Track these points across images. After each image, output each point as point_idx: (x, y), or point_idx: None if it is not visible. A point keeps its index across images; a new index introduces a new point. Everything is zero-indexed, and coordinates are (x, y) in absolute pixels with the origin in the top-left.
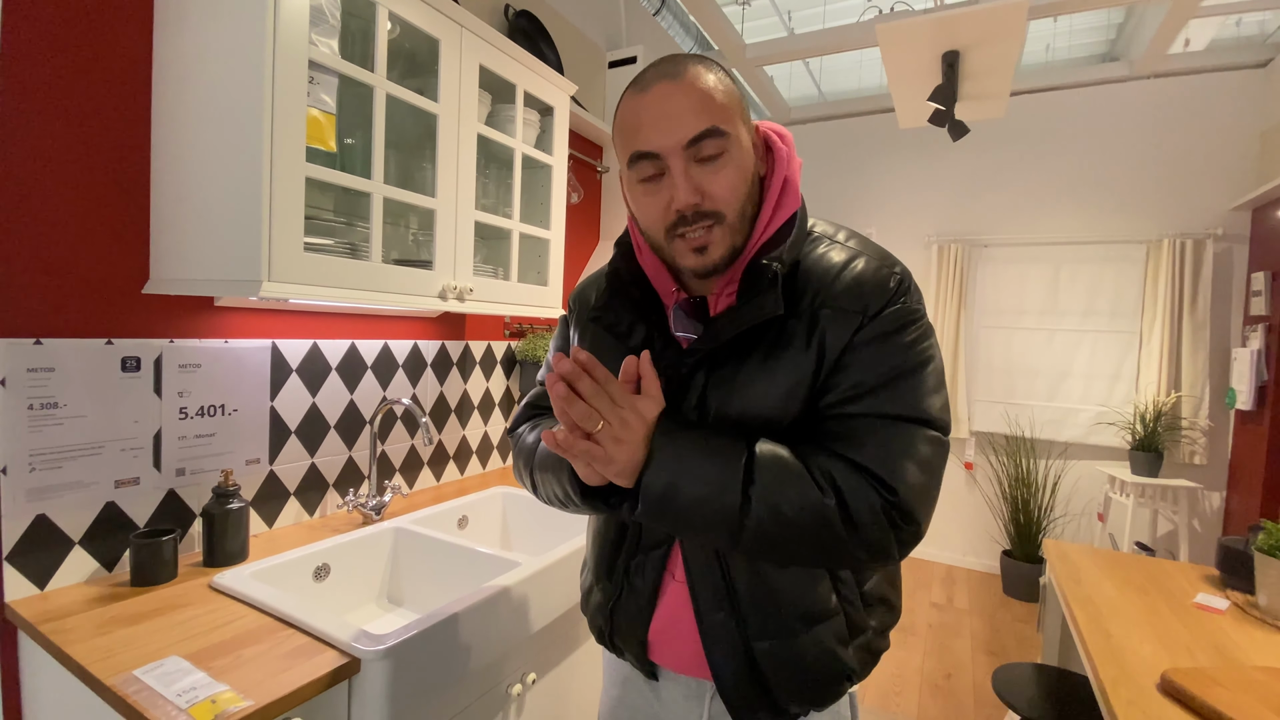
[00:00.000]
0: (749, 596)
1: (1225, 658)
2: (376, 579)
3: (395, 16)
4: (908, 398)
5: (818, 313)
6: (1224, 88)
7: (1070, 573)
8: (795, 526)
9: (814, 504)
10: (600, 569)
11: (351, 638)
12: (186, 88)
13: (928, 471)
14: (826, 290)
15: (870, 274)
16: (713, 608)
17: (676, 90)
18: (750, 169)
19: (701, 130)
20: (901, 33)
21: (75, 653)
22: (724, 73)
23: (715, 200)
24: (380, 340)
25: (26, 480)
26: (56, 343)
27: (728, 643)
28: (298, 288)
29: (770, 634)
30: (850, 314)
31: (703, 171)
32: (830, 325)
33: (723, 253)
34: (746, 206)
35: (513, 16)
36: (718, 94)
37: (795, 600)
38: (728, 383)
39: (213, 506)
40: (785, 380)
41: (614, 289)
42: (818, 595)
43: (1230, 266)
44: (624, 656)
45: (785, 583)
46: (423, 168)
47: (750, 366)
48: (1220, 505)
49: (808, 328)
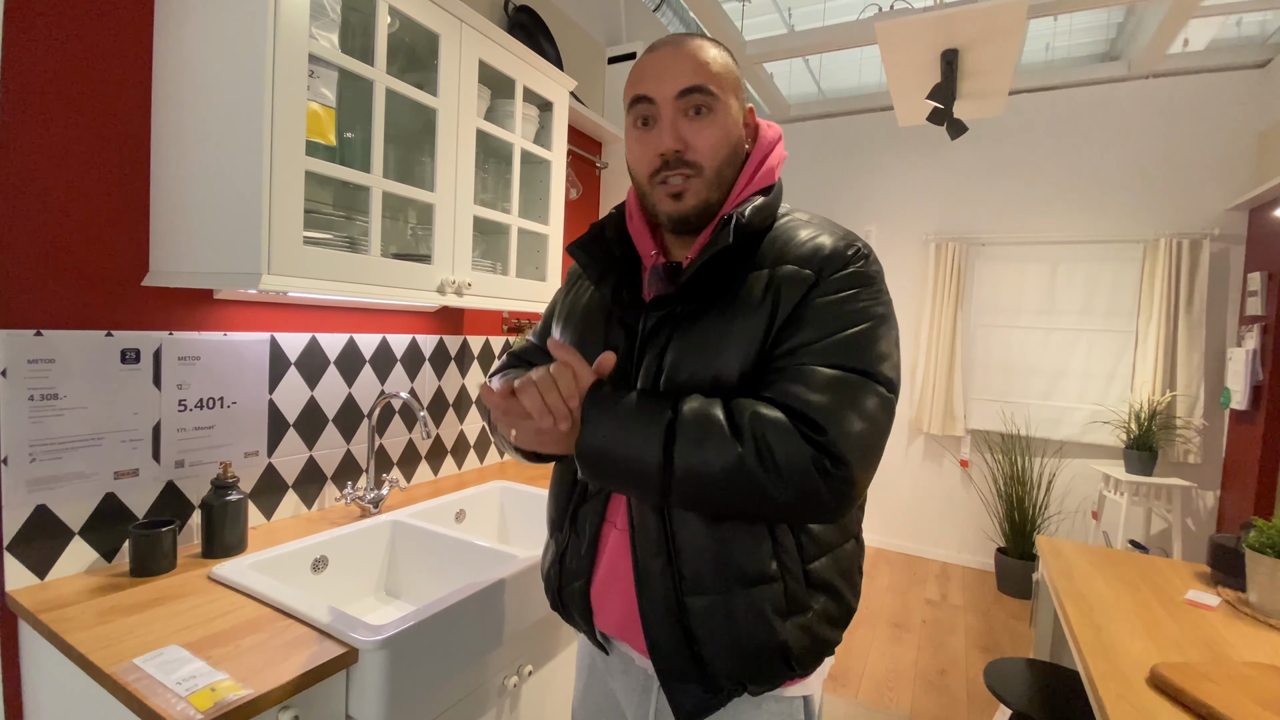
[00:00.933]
0: (687, 546)
1: (1215, 653)
2: (374, 571)
3: (395, 10)
4: (854, 352)
5: (775, 270)
6: (1222, 88)
7: (1063, 568)
8: (715, 481)
9: (729, 455)
10: (554, 521)
11: (349, 628)
12: (186, 80)
13: (867, 420)
14: (787, 253)
15: (830, 243)
16: (650, 554)
17: (678, 52)
18: (734, 135)
19: (692, 85)
20: (901, 31)
21: (76, 641)
22: (727, 53)
23: (696, 151)
24: (379, 334)
25: (27, 470)
26: (57, 334)
27: (661, 593)
28: (297, 281)
29: (705, 589)
30: (805, 274)
31: (689, 124)
32: (785, 284)
33: (696, 203)
34: (725, 169)
35: (512, 11)
36: (714, 64)
37: (733, 556)
38: (688, 338)
39: (211, 498)
40: (739, 336)
41: (595, 238)
42: (758, 556)
43: (1227, 266)
44: (573, 620)
45: (724, 535)
46: (422, 162)
47: (708, 321)
48: (1214, 504)
49: (765, 286)
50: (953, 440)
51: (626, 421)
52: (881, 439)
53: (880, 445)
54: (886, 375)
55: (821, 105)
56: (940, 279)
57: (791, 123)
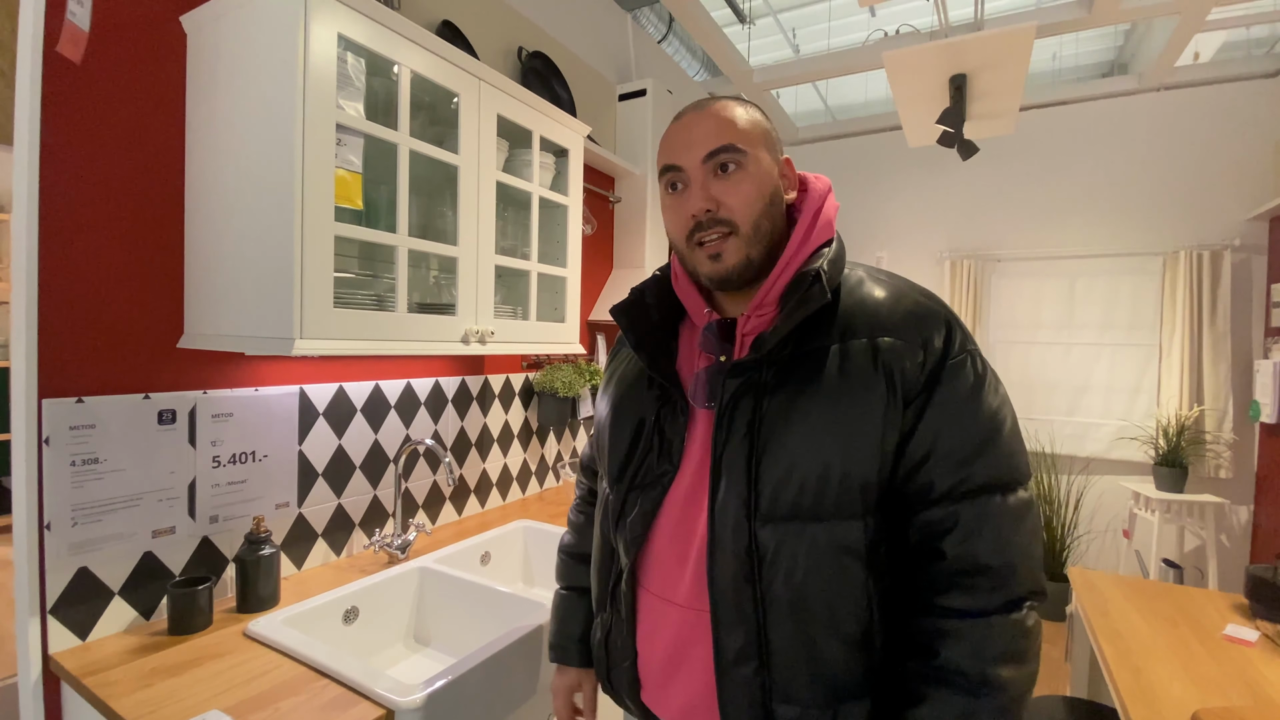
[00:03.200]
0: (782, 654)
1: (1256, 694)
2: (404, 620)
3: (417, 75)
4: (997, 460)
5: (877, 341)
6: (1236, 98)
7: (1097, 603)
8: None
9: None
10: (598, 599)
11: (385, 689)
12: (218, 151)
13: (1031, 535)
14: (879, 320)
15: (917, 306)
16: (741, 659)
17: (702, 115)
18: (768, 187)
19: (719, 146)
20: (909, 59)
21: (121, 708)
22: (755, 109)
23: (729, 209)
24: (403, 380)
25: (69, 535)
26: (97, 400)
27: (747, 698)
28: (329, 343)
29: (795, 699)
30: (912, 345)
31: (718, 183)
32: (892, 358)
33: (736, 261)
34: (762, 221)
35: (525, 58)
36: (740, 120)
37: (830, 669)
38: (783, 415)
39: (245, 553)
40: (861, 422)
41: (635, 303)
42: (850, 668)
43: (1249, 277)
44: (622, 702)
45: (824, 647)
46: (444, 214)
47: (807, 398)
48: (1248, 520)
49: (870, 354)
50: None
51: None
52: (1041, 542)
53: (1040, 541)
54: (1025, 471)
55: (830, 127)
56: (956, 296)
57: (800, 145)
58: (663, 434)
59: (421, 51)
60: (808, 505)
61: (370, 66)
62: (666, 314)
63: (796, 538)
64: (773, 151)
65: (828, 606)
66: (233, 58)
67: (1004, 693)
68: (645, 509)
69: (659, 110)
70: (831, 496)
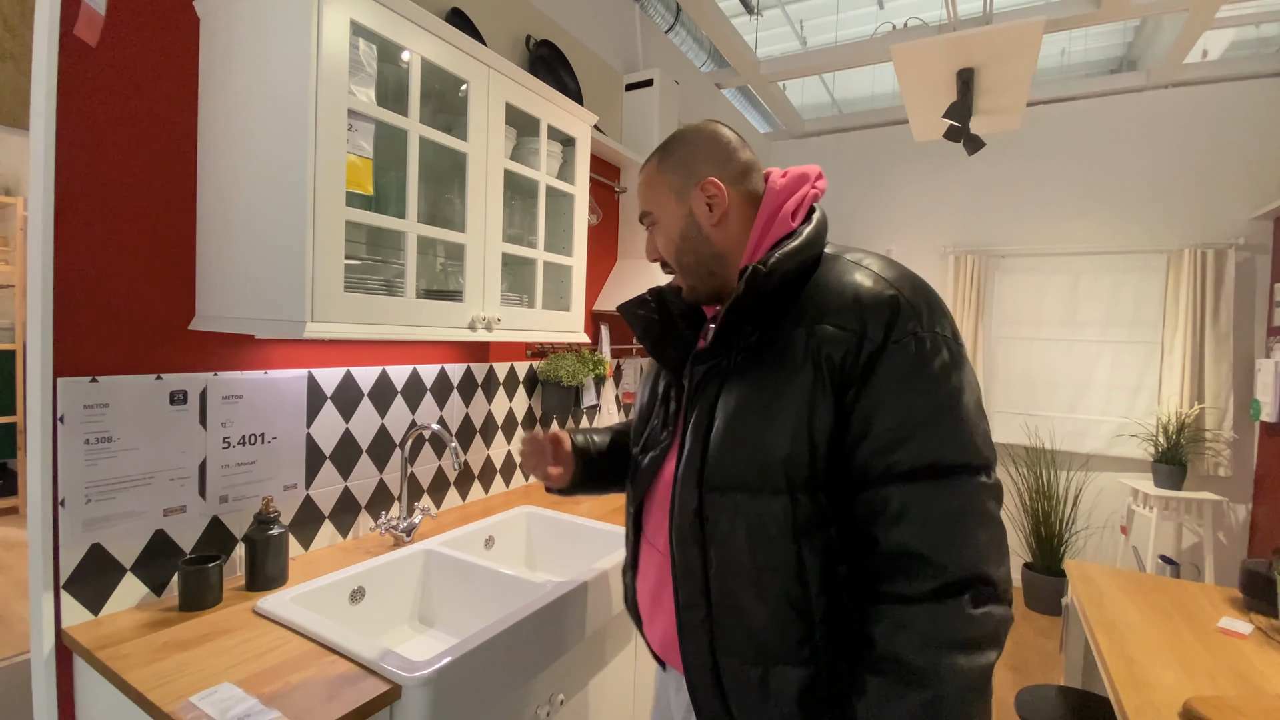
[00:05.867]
0: (720, 608)
1: (1248, 684)
2: (409, 601)
3: (427, 62)
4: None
5: (813, 329)
6: (1243, 97)
7: (1093, 595)
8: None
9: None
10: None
11: (393, 665)
12: (230, 136)
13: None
14: (825, 307)
15: (866, 292)
16: (691, 607)
17: (638, 182)
18: (676, 231)
19: (640, 212)
20: (916, 53)
21: (133, 679)
22: (672, 148)
23: (659, 253)
24: (409, 365)
25: (83, 511)
26: (110, 379)
27: (698, 643)
28: (339, 326)
29: (735, 652)
30: (845, 335)
31: (650, 239)
32: (825, 345)
33: (686, 288)
34: (683, 258)
35: (534, 46)
36: (649, 182)
37: (759, 631)
38: (736, 393)
39: (254, 532)
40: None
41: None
42: (781, 635)
43: (1253, 277)
44: (641, 631)
45: (751, 611)
46: (451, 201)
47: (756, 377)
48: (1246, 518)
49: (804, 346)
50: None
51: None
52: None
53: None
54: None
55: (836, 120)
56: (960, 292)
57: (806, 138)
58: (668, 408)
59: (432, 38)
60: (740, 478)
61: (381, 53)
62: (691, 309)
63: (733, 506)
64: (680, 193)
65: (756, 572)
66: (245, 43)
67: (941, 683)
68: (649, 468)
69: (666, 101)
70: (758, 472)
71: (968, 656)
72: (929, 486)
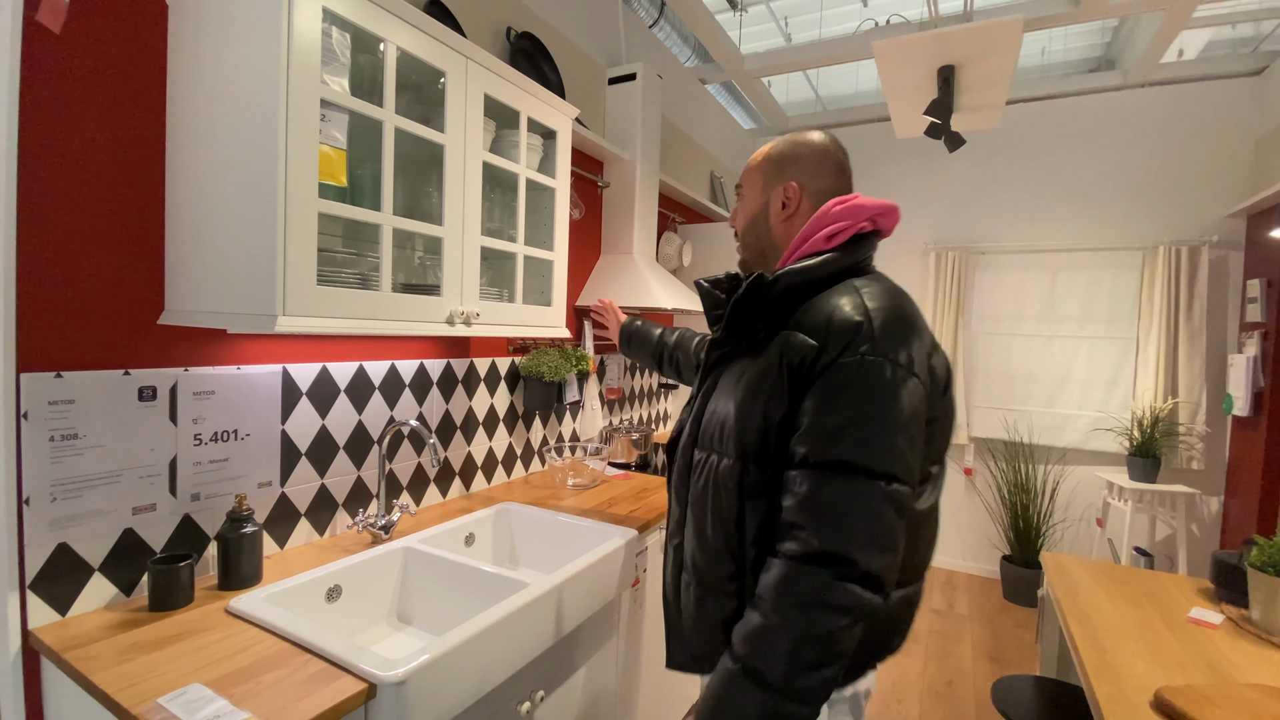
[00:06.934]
0: (688, 537)
1: (1218, 674)
2: (387, 599)
3: (404, 51)
4: (836, 444)
5: (790, 335)
6: (1219, 96)
7: (1067, 586)
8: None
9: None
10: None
11: (368, 664)
12: (200, 125)
13: (866, 519)
14: (804, 319)
15: (839, 314)
16: (674, 532)
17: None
18: (752, 209)
19: (738, 183)
20: (898, 49)
21: (100, 681)
22: (777, 145)
23: (734, 221)
24: (387, 361)
25: (48, 510)
26: (76, 375)
27: (673, 563)
28: (311, 320)
29: (688, 570)
30: (809, 344)
31: (737, 204)
32: (790, 348)
33: (741, 256)
34: (747, 235)
35: (514, 38)
36: (755, 165)
37: (705, 563)
38: (728, 375)
39: (227, 531)
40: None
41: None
42: (717, 568)
43: (1226, 273)
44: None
45: (703, 548)
46: (429, 194)
47: (746, 364)
48: (1218, 510)
49: (779, 346)
50: (956, 448)
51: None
52: (881, 527)
53: (886, 534)
54: (879, 464)
55: (820, 117)
56: (941, 288)
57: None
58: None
59: (408, 28)
60: (712, 441)
61: (356, 42)
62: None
63: (706, 461)
64: (768, 183)
65: (710, 516)
66: (215, 30)
67: (788, 624)
68: (682, 420)
69: (649, 95)
70: (725, 438)
71: (814, 615)
72: (828, 476)
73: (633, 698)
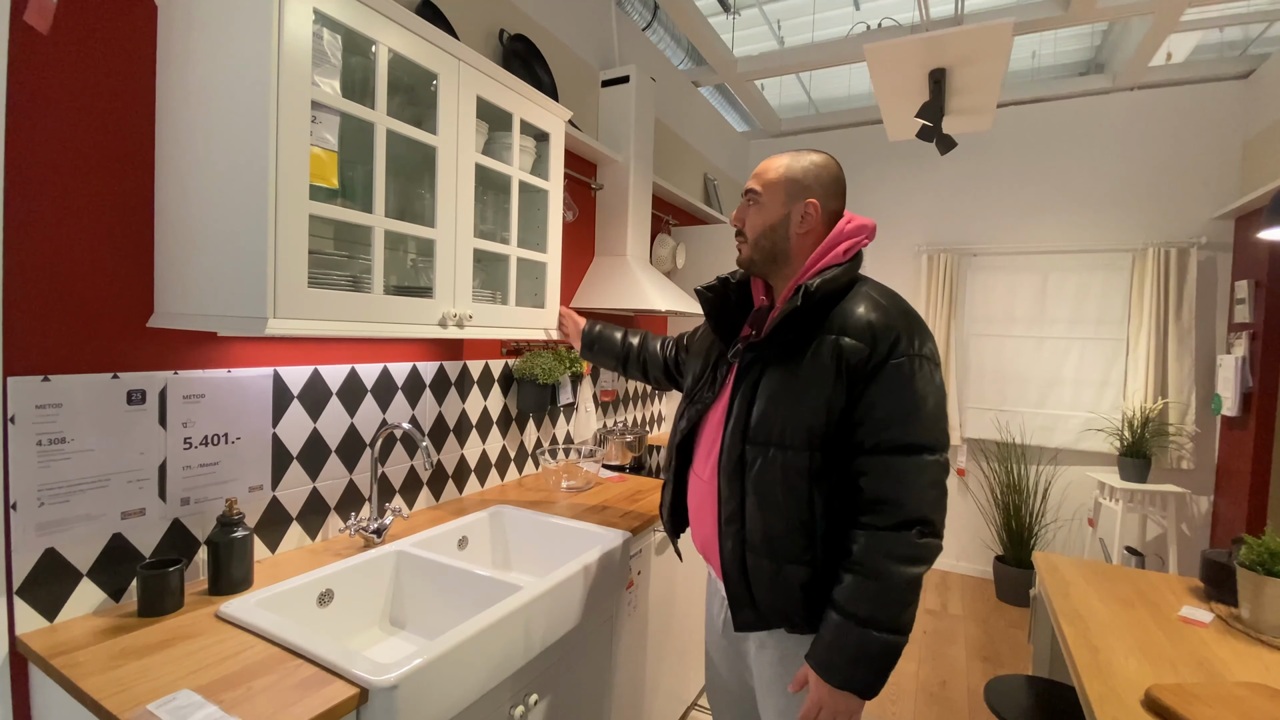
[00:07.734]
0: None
1: (1208, 672)
2: (379, 603)
3: (395, 53)
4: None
5: (839, 340)
6: (1207, 99)
7: (1059, 586)
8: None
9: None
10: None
11: (359, 668)
12: (190, 126)
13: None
14: (847, 325)
15: (877, 320)
16: (730, 520)
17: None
18: (771, 218)
19: (749, 188)
20: (890, 52)
21: (89, 687)
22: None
23: (742, 225)
24: (379, 364)
25: (36, 515)
26: (64, 378)
27: (733, 545)
28: (302, 323)
29: (757, 552)
30: (860, 347)
31: (745, 210)
32: (845, 352)
33: (745, 256)
34: (763, 239)
35: (507, 40)
36: (769, 173)
37: (778, 539)
38: (774, 382)
39: (217, 535)
40: (816, 391)
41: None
42: (793, 543)
43: (1215, 275)
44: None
45: (774, 525)
46: (421, 196)
47: (790, 371)
48: (1208, 509)
49: (833, 349)
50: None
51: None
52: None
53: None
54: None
55: (812, 119)
56: (933, 290)
57: (782, 137)
58: (715, 374)
59: (400, 30)
60: (778, 436)
61: (347, 44)
62: (742, 299)
63: (770, 455)
64: (791, 196)
65: (780, 500)
66: (204, 31)
67: (890, 579)
68: (693, 417)
69: (642, 97)
70: (790, 433)
71: (907, 567)
72: (898, 457)
73: (627, 700)
